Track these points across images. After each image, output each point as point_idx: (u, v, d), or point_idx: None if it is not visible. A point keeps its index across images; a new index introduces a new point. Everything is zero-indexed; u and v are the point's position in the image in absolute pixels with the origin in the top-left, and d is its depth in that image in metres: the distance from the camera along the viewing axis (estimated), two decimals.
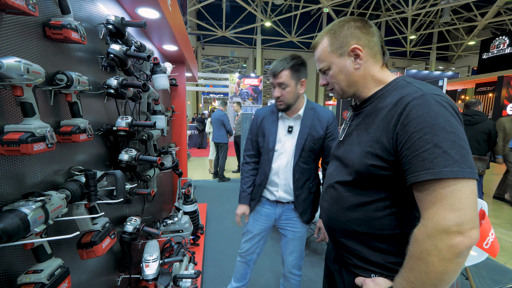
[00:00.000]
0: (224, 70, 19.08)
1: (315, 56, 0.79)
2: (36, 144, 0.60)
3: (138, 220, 1.31)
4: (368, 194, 0.68)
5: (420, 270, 0.53)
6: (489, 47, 7.44)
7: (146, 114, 1.66)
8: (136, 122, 1.18)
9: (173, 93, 2.73)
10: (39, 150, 0.61)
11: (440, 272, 0.51)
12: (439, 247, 0.51)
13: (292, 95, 1.22)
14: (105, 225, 0.94)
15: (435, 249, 0.51)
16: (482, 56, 7.47)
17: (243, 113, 5.01)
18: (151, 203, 1.87)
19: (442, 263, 0.51)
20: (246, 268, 1.55)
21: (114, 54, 1.07)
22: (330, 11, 10.74)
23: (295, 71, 1.20)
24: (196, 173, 5.74)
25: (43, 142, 0.62)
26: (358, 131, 0.74)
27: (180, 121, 2.80)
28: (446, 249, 0.50)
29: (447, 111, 0.56)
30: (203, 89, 12.70)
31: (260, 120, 1.39)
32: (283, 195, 1.34)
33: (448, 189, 0.51)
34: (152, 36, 1.90)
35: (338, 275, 0.81)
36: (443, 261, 0.50)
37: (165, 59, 2.48)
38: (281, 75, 1.18)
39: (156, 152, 1.74)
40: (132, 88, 1.27)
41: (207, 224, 2.95)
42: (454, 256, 0.50)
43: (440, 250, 0.51)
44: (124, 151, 1.18)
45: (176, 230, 1.86)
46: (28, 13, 0.60)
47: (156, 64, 1.68)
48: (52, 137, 0.66)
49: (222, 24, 12.23)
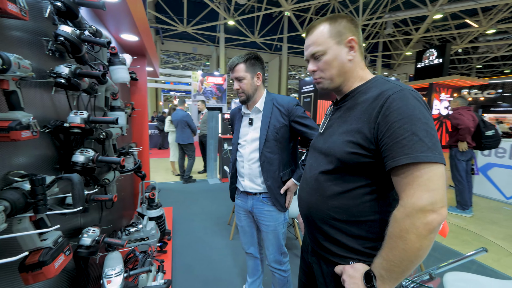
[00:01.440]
0: (186, 67, 18.29)
1: (310, 40, 0.77)
2: None
3: (97, 231, 1.14)
4: (348, 181, 0.71)
5: (399, 248, 0.57)
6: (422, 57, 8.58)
7: (103, 110, 1.47)
8: (94, 118, 1.02)
9: (133, 88, 2.48)
10: None
11: (417, 248, 0.56)
12: (416, 225, 0.55)
13: (249, 86, 1.30)
14: (58, 240, 0.78)
15: (413, 227, 0.55)
16: (417, 65, 8.59)
17: (208, 112, 4.86)
18: (110, 210, 1.66)
19: (419, 240, 0.55)
20: (254, 261, 1.58)
21: (64, 37, 0.90)
22: (291, 15, 11.15)
23: (250, 65, 1.29)
24: (158, 176, 5.37)
25: None
26: (338, 123, 0.76)
27: (141, 119, 2.57)
28: (422, 226, 0.55)
29: (421, 105, 0.62)
30: (163, 86, 11.97)
31: (232, 118, 1.52)
32: (248, 184, 1.37)
33: (423, 171, 0.57)
34: (108, 23, 1.69)
35: (317, 267, 0.82)
36: (420, 238, 0.55)
37: (123, 50, 2.24)
38: (236, 68, 1.28)
39: (116, 152, 1.55)
40: (87, 79, 1.10)
41: (174, 229, 2.77)
42: (428, 232, 0.55)
43: (417, 228, 0.55)
44: (79, 152, 1.02)
45: (140, 238, 1.69)
46: None
47: (114, 54, 1.50)
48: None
49: (183, 19, 11.68)
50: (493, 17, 9.69)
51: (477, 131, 2.61)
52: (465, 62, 15.45)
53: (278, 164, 1.33)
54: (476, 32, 10.89)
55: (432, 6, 9.00)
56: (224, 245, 2.49)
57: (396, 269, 0.58)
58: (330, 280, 0.77)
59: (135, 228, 1.68)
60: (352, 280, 0.65)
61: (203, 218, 3.14)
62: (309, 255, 0.88)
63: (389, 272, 0.59)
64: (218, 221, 3.05)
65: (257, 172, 1.34)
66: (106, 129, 1.35)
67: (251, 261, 1.59)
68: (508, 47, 12.25)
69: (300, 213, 0.91)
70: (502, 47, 12.46)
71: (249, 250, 1.55)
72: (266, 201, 1.36)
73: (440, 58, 7.98)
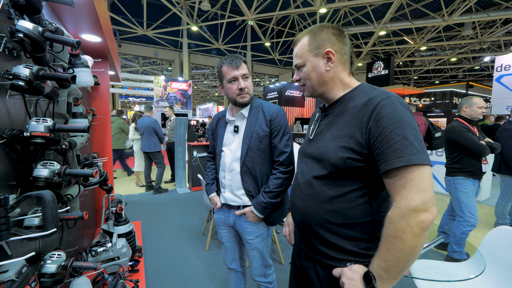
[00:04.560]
0: (146, 71, 17.29)
1: (294, 52, 0.83)
2: None
3: (63, 255, 0.99)
4: (342, 186, 0.73)
5: (396, 248, 0.60)
6: (372, 68, 9.60)
7: (64, 117, 1.30)
8: (60, 126, 0.90)
9: (94, 93, 2.25)
10: None
11: (413, 246, 0.59)
12: (411, 225, 0.58)
13: (252, 87, 1.26)
14: (21, 271, 0.66)
15: (408, 227, 0.59)
16: (368, 75, 9.58)
17: (176, 118, 4.66)
18: (70, 229, 1.46)
19: (414, 238, 0.58)
20: (237, 274, 1.48)
21: (24, 34, 0.79)
22: (254, 24, 11.46)
23: (247, 66, 1.25)
24: (121, 188, 4.91)
25: None
26: (329, 129, 0.79)
27: (103, 126, 2.34)
28: (416, 225, 0.58)
29: (408, 110, 0.67)
30: (121, 91, 11.10)
31: (215, 123, 1.39)
32: (229, 196, 1.29)
33: (415, 173, 0.60)
34: (67, 21, 1.52)
35: (313, 272, 0.83)
36: (415, 236, 0.58)
37: (82, 52, 2.02)
38: (243, 66, 1.20)
39: (80, 164, 1.39)
40: (50, 83, 0.97)
41: (145, 244, 2.55)
42: (422, 230, 0.59)
43: (412, 227, 0.58)
44: (41, 165, 0.88)
45: (110, 259, 1.51)
46: None
47: (75, 56, 1.36)
48: None
49: (143, 22, 11.08)
50: (424, 36, 11.38)
51: (428, 133, 3.00)
52: (405, 74, 17.75)
53: (261, 175, 1.24)
54: (412, 48, 12.64)
55: (378, 24, 10.21)
56: (200, 257, 2.38)
57: (394, 268, 0.61)
58: (327, 283, 0.77)
59: (103, 248, 1.50)
60: (351, 282, 0.66)
61: (175, 231, 2.96)
62: (303, 261, 0.88)
63: (387, 272, 0.62)
64: (191, 232, 2.91)
65: (239, 183, 1.25)
66: (69, 139, 1.20)
67: (233, 275, 1.49)
68: (436, 61, 14.49)
69: (293, 219, 0.90)
70: (432, 62, 14.68)
71: (231, 265, 1.45)
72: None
73: (386, 69, 9.04)
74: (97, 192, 2.39)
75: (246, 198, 1.26)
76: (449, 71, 16.40)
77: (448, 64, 15.10)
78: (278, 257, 2.33)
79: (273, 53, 14.22)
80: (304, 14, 11.15)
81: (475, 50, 12.66)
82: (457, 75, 16.98)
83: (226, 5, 10.68)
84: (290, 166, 1.24)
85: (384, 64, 9.15)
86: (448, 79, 17.92)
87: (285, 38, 13.25)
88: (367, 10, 9.90)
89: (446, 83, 17.26)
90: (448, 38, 12.20)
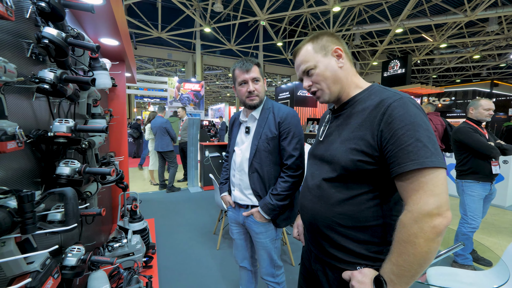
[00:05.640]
0: (160, 73, 17.74)
1: (298, 61, 0.81)
2: None
3: (82, 249, 1.04)
4: (352, 189, 0.72)
5: (408, 253, 0.58)
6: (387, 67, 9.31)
7: (84, 118, 1.37)
8: (81, 126, 0.95)
9: (111, 94, 2.35)
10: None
11: (426, 251, 0.57)
12: (424, 229, 0.56)
13: (263, 89, 1.27)
14: (45, 263, 0.71)
15: (421, 231, 0.57)
16: (384, 75, 9.30)
17: (189, 119, 4.75)
18: (88, 225, 1.53)
19: (427, 243, 0.56)
20: (248, 273, 1.50)
21: (49, 40, 0.84)
22: (266, 25, 11.46)
23: (260, 70, 1.26)
24: (135, 186, 5.07)
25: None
26: (339, 131, 0.77)
27: (120, 126, 2.43)
28: (430, 230, 0.56)
29: (421, 112, 0.65)
30: (136, 92, 11.46)
31: (232, 123, 1.46)
32: (238, 195, 1.32)
33: (428, 177, 0.58)
34: (87, 26, 1.60)
35: (322, 274, 0.82)
36: (428, 241, 0.56)
37: (100, 55, 2.11)
38: (253, 69, 1.21)
39: (98, 163, 1.45)
40: (71, 85, 1.02)
41: (158, 241, 2.62)
42: (436, 235, 0.57)
43: (425, 232, 0.56)
44: (63, 163, 0.93)
45: (125, 254, 1.57)
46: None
47: (94, 59, 1.43)
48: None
49: (158, 25, 11.38)
50: (444, 33, 10.90)
51: (445, 134, 2.87)
52: (423, 72, 17.08)
53: (268, 177, 1.25)
54: (431, 45, 12.14)
55: (394, 21, 9.88)
56: (212, 256, 2.41)
57: (406, 273, 0.59)
58: (336, 286, 0.77)
59: (119, 244, 1.56)
60: (361, 286, 0.65)
61: (187, 229, 3.02)
62: (312, 262, 0.87)
63: (399, 277, 0.60)
64: (202, 231, 2.96)
65: (247, 183, 1.27)
66: (89, 138, 1.26)
67: (244, 273, 1.52)
68: (458, 59, 13.82)
69: (302, 221, 0.90)
70: (453, 60, 14.02)
71: (243, 263, 1.48)
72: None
73: (403, 68, 8.74)
74: (114, 189, 2.49)
75: (254, 198, 1.28)
76: (472, 69, 15.59)
77: (471, 61, 14.36)
78: (289, 258, 2.32)
79: (285, 53, 14.14)
80: (317, 13, 11.02)
81: (501, 46, 11.96)
82: (480, 73, 16.11)
83: (238, 6, 10.74)
84: (298, 170, 1.23)
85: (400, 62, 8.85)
86: (470, 78, 17.06)
87: (297, 37, 13.13)
88: (383, 7, 9.60)
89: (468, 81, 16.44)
90: (470, 35, 11.59)
